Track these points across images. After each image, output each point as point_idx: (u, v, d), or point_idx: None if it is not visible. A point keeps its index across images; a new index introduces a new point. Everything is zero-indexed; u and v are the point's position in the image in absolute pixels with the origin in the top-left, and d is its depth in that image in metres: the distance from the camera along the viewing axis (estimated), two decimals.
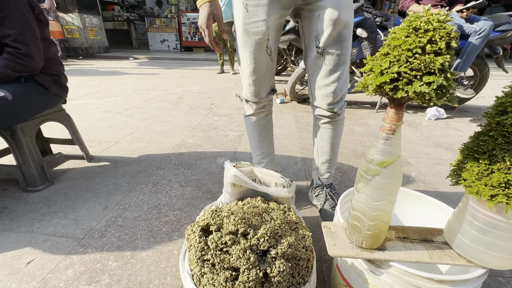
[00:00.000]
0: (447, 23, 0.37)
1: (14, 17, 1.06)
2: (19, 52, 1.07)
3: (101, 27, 8.05)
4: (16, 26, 1.06)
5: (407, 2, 2.37)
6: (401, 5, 2.43)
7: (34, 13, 1.15)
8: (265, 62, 0.89)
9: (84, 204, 1.19)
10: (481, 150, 0.47)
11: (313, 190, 1.18)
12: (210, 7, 0.83)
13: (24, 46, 1.08)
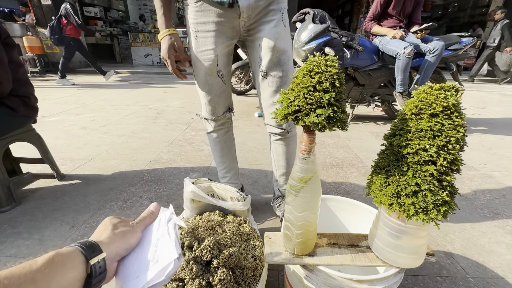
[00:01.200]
0: (332, 67, 0.46)
1: None
2: None
3: (83, 41, 8.01)
4: None
5: (370, 24, 2.57)
6: (364, 26, 2.64)
7: (0, 38, 1.19)
8: (218, 84, 0.99)
9: (51, 224, 1.20)
10: (381, 165, 0.56)
11: (274, 200, 1.26)
12: (170, 39, 0.92)
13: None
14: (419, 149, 0.49)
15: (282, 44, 0.91)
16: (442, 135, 0.47)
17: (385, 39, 2.47)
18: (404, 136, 0.51)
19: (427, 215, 0.50)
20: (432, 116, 0.47)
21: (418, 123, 0.49)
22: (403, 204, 0.52)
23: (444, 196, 0.49)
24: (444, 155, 0.47)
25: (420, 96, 0.49)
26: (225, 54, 0.96)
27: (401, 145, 0.51)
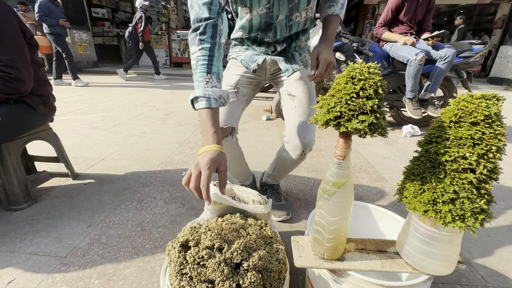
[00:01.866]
0: (375, 74, 0.47)
1: (7, 43, 1.11)
2: (10, 76, 1.12)
3: (91, 42, 8.11)
4: (8, 52, 1.12)
5: (380, 30, 2.58)
6: (375, 32, 2.65)
7: (25, 38, 1.22)
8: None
9: (68, 223, 1.21)
10: (415, 172, 0.57)
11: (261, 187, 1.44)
12: (220, 155, 0.69)
13: (15, 70, 1.13)
14: (458, 156, 0.49)
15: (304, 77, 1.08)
16: (483, 144, 0.47)
17: (396, 45, 2.48)
18: (442, 144, 0.51)
19: (464, 222, 0.51)
20: (472, 124, 0.48)
21: (457, 131, 0.49)
22: (439, 211, 0.52)
23: (482, 204, 0.50)
24: (484, 163, 0.47)
25: (459, 104, 0.50)
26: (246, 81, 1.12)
27: (438, 152, 0.52)
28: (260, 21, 0.99)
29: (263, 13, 0.96)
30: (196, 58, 0.78)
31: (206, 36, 0.78)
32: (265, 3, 0.93)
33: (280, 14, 0.96)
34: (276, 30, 1.01)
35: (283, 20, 0.98)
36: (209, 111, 0.74)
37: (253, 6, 0.94)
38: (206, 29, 0.78)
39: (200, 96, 0.75)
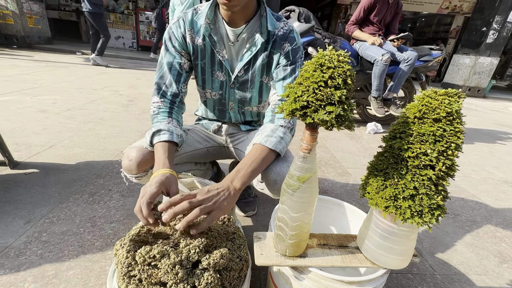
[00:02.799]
0: (345, 63, 0.44)
1: None
2: None
3: (43, 15, 7.21)
4: None
5: (352, 28, 2.64)
6: (346, 29, 2.71)
7: None
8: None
9: (1, 219, 1.05)
10: (379, 168, 0.56)
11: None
12: (165, 177, 0.66)
13: None
14: (420, 153, 0.49)
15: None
16: (444, 140, 0.47)
17: (365, 44, 2.56)
18: (406, 140, 0.51)
19: (421, 218, 0.51)
20: (435, 121, 0.48)
21: (421, 127, 0.49)
22: (399, 207, 0.52)
23: (438, 200, 0.50)
24: (443, 160, 0.48)
25: (424, 100, 0.49)
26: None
27: (402, 148, 0.51)
28: (214, 105, 1.02)
29: (216, 98, 0.98)
30: (157, 106, 0.85)
31: (168, 95, 0.86)
32: (217, 89, 0.95)
33: (231, 102, 0.98)
34: (230, 116, 1.03)
35: (235, 108, 1.00)
36: (167, 145, 0.75)
37: (206, 87, 0.95)
38: (168, 93, 0.86)
39: (163, 130, 0.78)
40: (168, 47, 0.87)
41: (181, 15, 0.87)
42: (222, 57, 0.87)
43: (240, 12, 0.79)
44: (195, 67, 0.92)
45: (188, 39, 0.86)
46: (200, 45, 0.87)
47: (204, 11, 0.83)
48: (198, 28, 0.85)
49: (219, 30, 0.85)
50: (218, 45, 0.85)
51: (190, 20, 0.85)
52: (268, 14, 0.83)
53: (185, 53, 0.88)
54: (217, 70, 0.91)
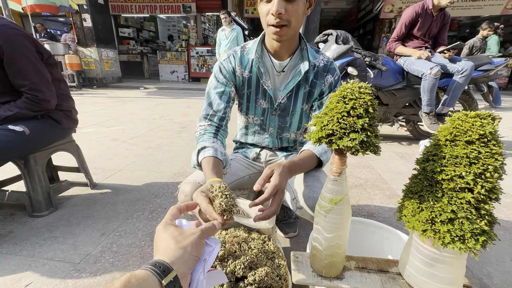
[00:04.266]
0: (366, 94, 0.48)
1: (26, 69, 1.20)
2: (37, 98, 1.23)
3: (116, 59, 8.67)
4: (29, 77, 1.21)
5: (394, 45, 2.57)
6: (388, 47, 2.64)
7: (43, 59, 1.30)
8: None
9: (84, 230, 1.27)
10: (414, 190, 0.56)
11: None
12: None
13: (40, 92, 1.24)
14: (455, 175, 0.48)
15: None
16: (479, 163, 0.46)
17: (410, 59, 2.46)
18: (438, 162, 0.51)
19: (464, 244, 0.49)
20: (468, 143, 0.47)
21: (453, 149, 0.49)
22: (437, 231, 0.51)
23: (482, 225, 0.48)
24: (481, 183, 0.46)
25: (454, 123, 0.50)
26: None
27: (435, 171, 0.51)
28: (255, 130, 1.10)
29: (257, 123, 1.06)
30: (204, 128, 0.94)
31: (215, 119, 0.96)
32: (259, 115, 1.03)
33: (271, 128, 1.06)
34: (268, 141, 1.10)
35: (274, 134, 1.08)
36: (212, 159, 0.81)
37: (249, 113, 1.04)
38: (216, 117, 0.96)
39: (208, 147, 0.86)
40: (218, 78, 1.00)
41: (230, 52, 1.01)
42: (268, 87, 0.97)
43: (286, 45, 0.90)
44: (241, 96, 1.03)
45: (237, 73, 0.99)
46: (247, 76, 0.98)
47: (253, 48, 0.96)
48: (246, 62, 0.98)
49: (265, 63, 0.97)
50: (264, 76, 0.96)
51: (239, 57, 0.98)
52: (308, 47, 0.93)
53: (232, 84, 1.00)
54: (261, 98, 1.01)
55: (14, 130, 1.20)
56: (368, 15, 9.72)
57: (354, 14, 11.51)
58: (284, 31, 0.81)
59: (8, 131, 1.18)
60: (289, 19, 0.80)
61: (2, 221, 1.32)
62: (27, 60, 1.21)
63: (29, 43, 1.24)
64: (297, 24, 0.84)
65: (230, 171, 1.06)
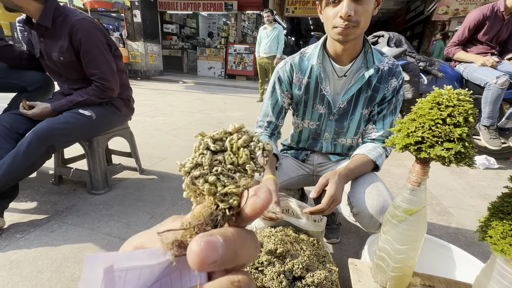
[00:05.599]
0: (465, 101, 0.45)
1: (98, 59, 1.31)
2: (104, 87, 1.34)
3: (159, 54, 9.17)
4: (100, 67, 1.32)
5: (453, 50, 2.37)
6: (446, 52, 2.44)
7: (111, 50, 1.41)
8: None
9: (135, 212, 1.37)
10: (506, 210, 0.51)
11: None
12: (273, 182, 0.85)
13: (107, 82, 1.35)
14: None
15: None
16: None
17: (472, 66, 2.25)
18: None
19: None
20: None
21: None
22: None
23: None
24: None
25: None
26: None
27: None
28: (309, 135, 1.09)
29: (313, 128, 1.05)
30: (260, 132, 1.04)
31: (269, 128, 1.05)
32: (316, 120, 1.03)
33: (327, 133, 1.04)
34: (322, 146, 1.09)
35: (329, 139, 1.06)
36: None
37: (305, 118, 1.04)
38: (270, 126, 1.05)
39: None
40: (275, 89, 1.03)
41: (288, 60, 1.01)
42: (327, 92, 0.95)
43: (349, 48, 0.87)
44: (298, 102, 1.03)
45: (294, 80, 0.99)
46: (306, 82, 0.98)
47: (314, 53, 0.95)
48: (305, 68, 0.98)
49: (326, 68, 0.95)
50: (324, 81, 0.95)
51: (298, 63, 0.98)
52: (373, 50, 0.89)
53: (288, 93, 1.02)
54: (318, 104, 0.99)
55: (84, 114, 1.32)
56: (418, 16, 9.08)
57: (402, 15, 10.83)
58: (351, 30, 0.79)
59: (79, 115, 1.31)
60: (358, 20, 0.78)
61: (66, 195, 1.47)
62: (99, 52, 1.32)
63: (102, 35, 1.35)
64: (365, 25, 0.81)
65: (281, 170, 1.06)
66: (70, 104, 1.33)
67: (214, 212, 0.18)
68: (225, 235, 0.16)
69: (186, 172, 0.20)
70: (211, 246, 0.15)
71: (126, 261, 0.15)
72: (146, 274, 0.16)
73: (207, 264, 0.15)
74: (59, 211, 1.32)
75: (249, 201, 0.18)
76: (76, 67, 1.34)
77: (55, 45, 1.28)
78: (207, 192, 0.19)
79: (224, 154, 0.20)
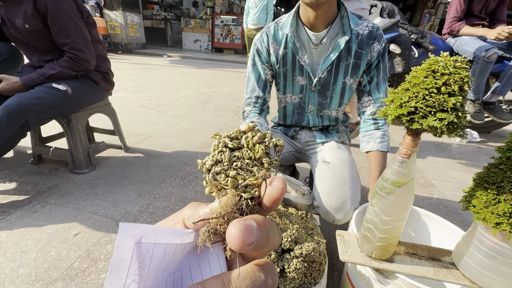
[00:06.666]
0: (462, 69, 0.42)
1: (68, 26, 1.19)
2: (78, 58, 1.24)
3: (141, 25, 8.57)
4: (71, 35, 1.20)
5: (458, 25, 2.25)
6: (449, 28, 2.32)
7: (83, 17, 1.29)
8: None
9: (121, 190, 1.34)
10: (491, 180, 0.51)
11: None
12: None
13: (81, 52, 1.24)
14: None
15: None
16: None
17: (463, 39, 2.22)
18: None
19: None
20: None
21: None
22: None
23: None
24: None
25: None
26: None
27: None
28: (293, 109, 1.06)
29: (296, 102, 1.03)
30: (249, 110, 1.02)
31: (258, 105, 1.02)
32: (298, 93, 1.00)
33: (311, 105, 1.01)
34: (308, 119, 1.06)
35: (314, 111, 1.03)
36: None
37: (286, 92, 1.01)
38: (258, 102, 1.02)
39: (255, 122, 0.92)
40: (255, 62, 0.98)
41: (264, 30, 0.95)
42: (304, 62, 0.91)
43: (322, 14, 0.82)
44: (277, 75, 0.99)
45: (271, 51, 0.95)
46: (282, 53, 0.93)
47: (287, 22, 0.90)
48: (280, 39, 0.93)
49: (301, 36, 0.90)
50: (300, 51, 0.90)
51: (273, 34, 0.93)
52: (349, 14, 0.84)
53: (268, 65, 0.98)
54: (298, 75, 0.96)
55: (58, 88, 1.23)
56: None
57: None
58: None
59: (53, 89, 1.21)
60: None
61: (47, 175, 1.42)
62: (69, 18, 1.20)
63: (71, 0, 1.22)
64: None
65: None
66: (42, 78, 1.23)
67: (238, 202, 0.19)
68: (257, 220, 0.17)
69: (207, 170, 0.22)
70: (248, 229, 0.16)
71: (153, 235, 0.16)
72: (170, 252, 0.17)
73: (246, 245, 0.16)
74: (41, 191, 1.27)
75: (266, 192, 0.19)
76: (45, 36, 1.21)
77: (18, 10, 1.14)
78: (230, 185, 0.20)
79: (241, 150, 0.22)
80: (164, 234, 0.17)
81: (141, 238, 0.15)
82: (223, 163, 0.21)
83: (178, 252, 0.18)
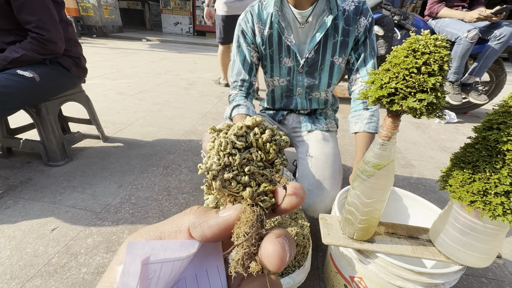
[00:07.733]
0: (442, 47, 0.41)
1: (33, 2, 1.08)
2: (43, 38, 1.13)
3: (116, 6, 8.04)
4: (36, 12, 1.10)
5: (437, 7, 2.27)
6: (428, 10, 2.34)
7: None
8: None
9: (101, 181, 1.29)
10: (467, 160, 0.52)
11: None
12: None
13: (46, 32, 1.13)
14: None
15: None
16: None
17: (444, 20, 2.23)
18: (505, 131, 0.46)
19: None
20: None
21: None
22: (489, 203, 0.49)
23: None
24: None
25: None
26: None
27: (499, 140, 0.47)
28: (281, 93, 1.03)
29: (284, 85, 1.00)
30: (235, 94, 0.99)
31: (244, 88, 0.99)
32: (285, 76, 0.97)
33: (299, 87, 0.99)
34: (297, 102, 1.04)
35: (303, 94, 1.01)
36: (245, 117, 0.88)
37: (274, 75, 0.98)
38: (244, 85, 0.99)
39: (242, 105, 0.92)
40: (240, 44, 0.94)
41: (248, 9, 0.90)
42: (290, 42, 0.88)
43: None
44: (263, 57, 0.95)
45: (256, 31, 0.90)
46: (268, 34, 0.89)
47: (271, 1, 0.85)
48: (265, 19, 0.88)
49: (286, 16, 0.86)
50: (286, 31, 0.87)
51: (257, 13, 0.89)
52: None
53: (254, 46, 0.94)
54: (285, 57, 0.93)
55: (23, 75, 1.13)
56: None
57: None
58: None
59: (17, 76, 1.11)
60: None
61: (19, 168, 1.33)
62: None
63: None
64: None
65: None
66: (4, 63, 1.12)
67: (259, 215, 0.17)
68: (286, 235, 0.16)
69: (214, 176, 0.19)
70: (284, 247, 0.15)
71: (162, 252, 0.15)
72: (175, 269, 0.16)
73: (285, 263, 0.15)
74: (13, 186, 1.20)
75: (286, 200, 0.18)
76: (5, 13, 1.09)
77: None
78: (247, 195, 0.18)
79: (251, 150, 0.20)
80: (172, 250, 0.16)
81: (148, 257, 0.14)
82: (231, 167, 0.19)
83: (183, 267, 0.17)
